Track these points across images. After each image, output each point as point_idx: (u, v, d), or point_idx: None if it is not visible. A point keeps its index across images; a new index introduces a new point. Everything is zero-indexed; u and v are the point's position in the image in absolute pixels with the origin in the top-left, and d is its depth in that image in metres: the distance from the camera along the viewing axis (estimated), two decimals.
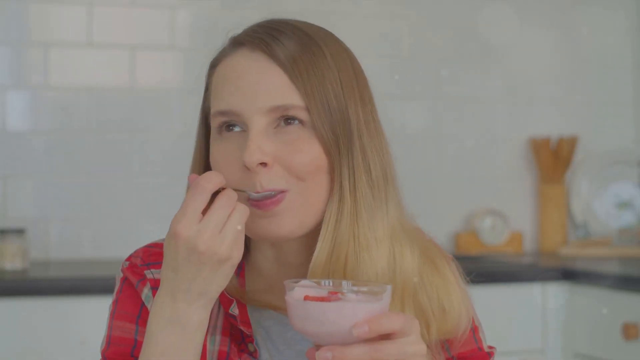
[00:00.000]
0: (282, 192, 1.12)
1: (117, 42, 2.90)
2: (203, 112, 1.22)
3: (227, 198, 1.06)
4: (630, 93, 3.42)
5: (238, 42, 1.18)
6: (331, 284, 1.07)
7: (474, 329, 1.25)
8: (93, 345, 1.26)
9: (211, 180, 1.05)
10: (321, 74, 1.14)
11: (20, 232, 2.59)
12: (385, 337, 1.01)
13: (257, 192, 1.11)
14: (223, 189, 1.07)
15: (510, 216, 3.25)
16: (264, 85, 1.13)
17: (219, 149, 1.15)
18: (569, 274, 2.67)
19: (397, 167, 1.22)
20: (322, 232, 1.14)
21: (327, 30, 1.20)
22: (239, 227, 1.05)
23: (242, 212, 1.06)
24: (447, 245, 3.20)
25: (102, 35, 2.88)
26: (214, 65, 1.21)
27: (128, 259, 1.22)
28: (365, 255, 1.13)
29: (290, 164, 1.12)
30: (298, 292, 1.03)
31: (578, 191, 3.32)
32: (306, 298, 1.02)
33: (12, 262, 2.54)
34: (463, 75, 3.24)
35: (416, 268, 1.16)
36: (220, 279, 1.06)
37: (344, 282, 1.07)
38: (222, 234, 1.04)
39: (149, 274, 1.19)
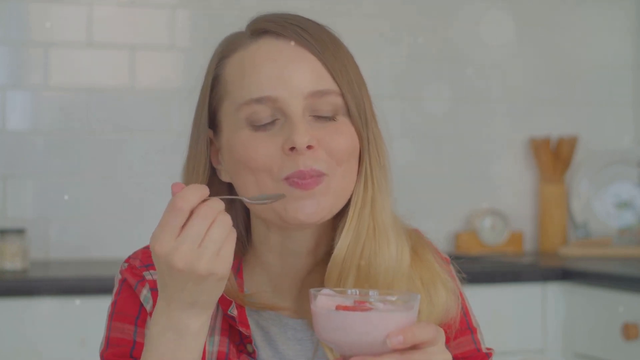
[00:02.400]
0: (323, 174, 1.12)
1: (117, 42, 2.90)
2: (208, 108, 1.19)
3: (207, 208, 1.00)
4: (630, 93, 3.42)
5: (258, 31, 1.17)
6: (357, 292, 1.06)
7: (473, 331, 1.26)
8: (93, 345, 1.26)
9: (188, 200, 1.00)
10: (343, 60, 1.17)
11: (20, 232, 2.59)
12: (413, 346, 1.01)
13: (300, 173, 1.11)
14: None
15: (510, 216, 3.24)
16: (301, 70, 1.13)
17: (253, 136, 1.13)
18: (569, 274, 2.67)
19: (397, 167, 1.23)
20: (349, 217, 1.15)
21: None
22: (221, 238, 1.00)
23: (223, 223, 1.01)
24: (447, 245, 3.20)
25: (102, 35, 2.88)
26: (225, 56, 1.19)
27: (127, 260, 1.22)
28: (383, 241, 1.15)
29: (332, 147, 1.13)
30: (324, 301, 1.02)
31: (578, 191, 3.31)
32: (338, 308, 1.00)
33: (12, 262, 2.54)
34: (463, 75, 3.23)
35: (410, 259, 1.17)
36: (208, 291, 1.02)
37: (371, 292, 1.06)
38: (200, 248, 0.99)
39: (148, 275, 1.19)
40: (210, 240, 1.00)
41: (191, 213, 1.00)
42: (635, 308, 2.46)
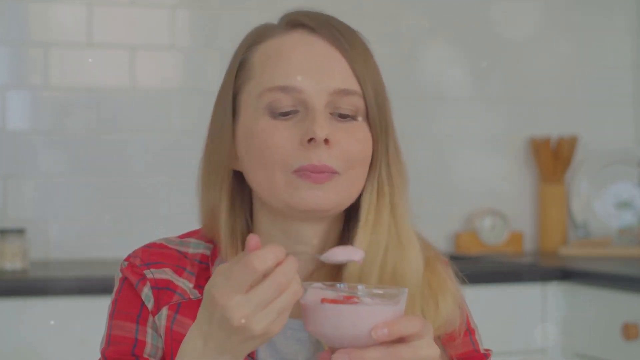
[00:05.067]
0: (335, 172, 1.13)
1: (117, 42, 2.90)
2: (233, 90, 1.19)
3: (282, 277, 0.98)
4: (630, 93, 3.42)
5: (293, 23, 1.19)
6: (346, 286, 1.07)
7: (471, 332, 1.26)
8: (93, 345, 1.26)
9: (265, 262, 0.97)
10: (371, 68, 1.19)
11: (20, 232, 2.59)
12: (400, 340, 1.02)
13: (312, 167, 1.11)
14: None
15: (510, 216, 3.24)
16: (330, 67, 1.15)
17: (271, 124, 1.13)
18: (569, 274, 2.67)
19: None
20: (361, 224, 1.15)
21: None
22: (287, 306, 0.99)
23: (294, 294, 0.99)
24: (447, 245, 3.20)
25: (102, 35, 2.88)
26: (255, 42, 1.19)
27: (127, 259, 1.23)
28: (410, 248, 1.15)
29: (348, 149, 1.14)
30: (313, 294, 1.03)
31: (578, 191, 3.31)
32: (323, 301, 1.01)
33: (12, 262, 2.54)
34: (463, 75, 3.24)
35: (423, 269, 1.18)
36: (251, 347, 1.02)
37: (359, 286, 1.07)
38: (263, 313, 0.98)
39: (149, 273, 1.20)
40: (275, 307, 0.98)
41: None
42: (635, 308, 2.46)
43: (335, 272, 1.19)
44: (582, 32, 3.37)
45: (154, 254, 1.22)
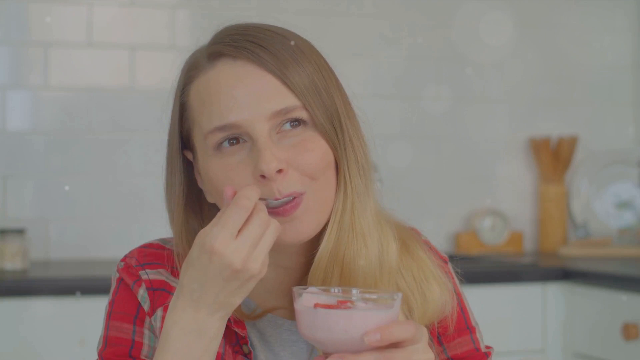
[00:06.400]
0: (300, 194, 1.11)
1: (117, 42, 2.90)
2: (179, 133, 1.20)
3: (264, 214, 1.04)
4: (630, 93, 3.42)
5: (215, 54, 1.17)
6: (340, 291, 1.07)
7: (471, 330, 1.26)
8: (92, 345, 1.26)
9: (252, 198, 1.04)
10: (305, 70, 1.14)
11: (20, 232, 2.59)
12: (394, 344, 1.02)
13: (277, 199, 1.10)
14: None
15: (510, 216, 3.24)
16: (260, 91, 1.12)
17: (223, 164, 1.12)
18: (569, 274, 2.67)
19: (397, 168, 1.22)
20: (329, 225, 1.15)
21: (286, 29, 1.20)
22: (272, 241, 1.05)
23: (276, 229, 1.05)
24: (447, 245, 3.20)
25: (102, 35, 2.88)
26: (187, 82, 1.19)
27: (123, 259, 1.23)
28: (360, 244, 1.14)
29: (303, 166, 1.12)
30: (307, 299, 1.03)
31: (578, 191, 3.31)
32: (316, 306, 1.02)
33: (12, 262, 2.54)
34: (463, 75, 3.24)
35: (397, 255, 1.17)
36: (245, 292, 1.05)
37: (354, 290, 1.07)
38: (256, 251, 1.03)
39: (144, 274, 1.20)
40: (264, 244, 1.04)
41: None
42: (635, 308, 2.46)
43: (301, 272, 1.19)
44: (582, 32, 3.37)
45: (149, 254, 1.22)
